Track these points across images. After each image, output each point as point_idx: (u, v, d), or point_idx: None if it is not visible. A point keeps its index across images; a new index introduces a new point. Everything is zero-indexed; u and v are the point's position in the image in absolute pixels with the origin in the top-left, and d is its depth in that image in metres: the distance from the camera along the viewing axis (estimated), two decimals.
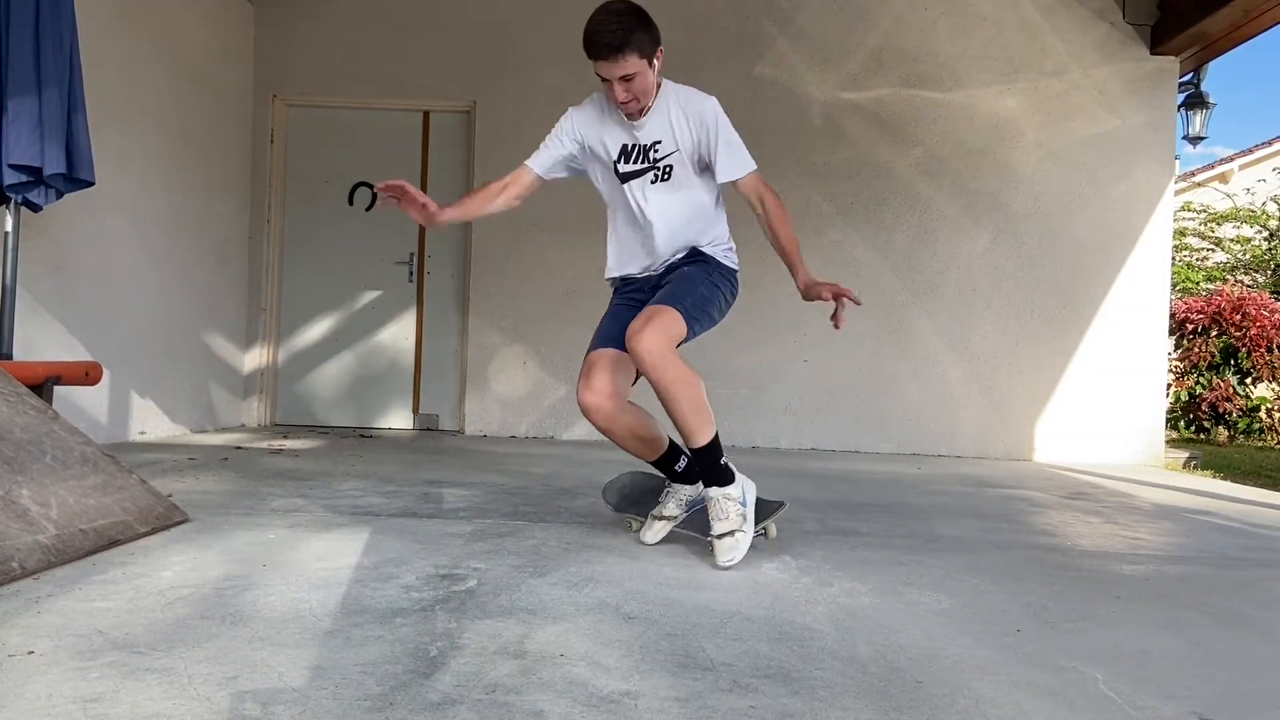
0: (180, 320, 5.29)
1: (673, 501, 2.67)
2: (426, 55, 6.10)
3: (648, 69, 2.47)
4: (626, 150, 2.59)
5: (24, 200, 3.47)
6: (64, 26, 3.44)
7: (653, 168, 2.56)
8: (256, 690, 1.41)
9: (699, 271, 2.58)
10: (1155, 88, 6.03)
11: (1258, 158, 15.23)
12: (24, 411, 2.55)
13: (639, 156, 2.58)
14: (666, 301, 2.45)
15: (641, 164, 2.57)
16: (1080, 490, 4.43)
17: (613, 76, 2.47)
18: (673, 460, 2.65)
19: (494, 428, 6.08)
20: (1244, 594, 2.37)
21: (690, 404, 2.39)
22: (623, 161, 2.59)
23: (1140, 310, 6.02)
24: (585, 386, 2.53)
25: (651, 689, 1.48)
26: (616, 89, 2.48)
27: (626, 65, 2.44)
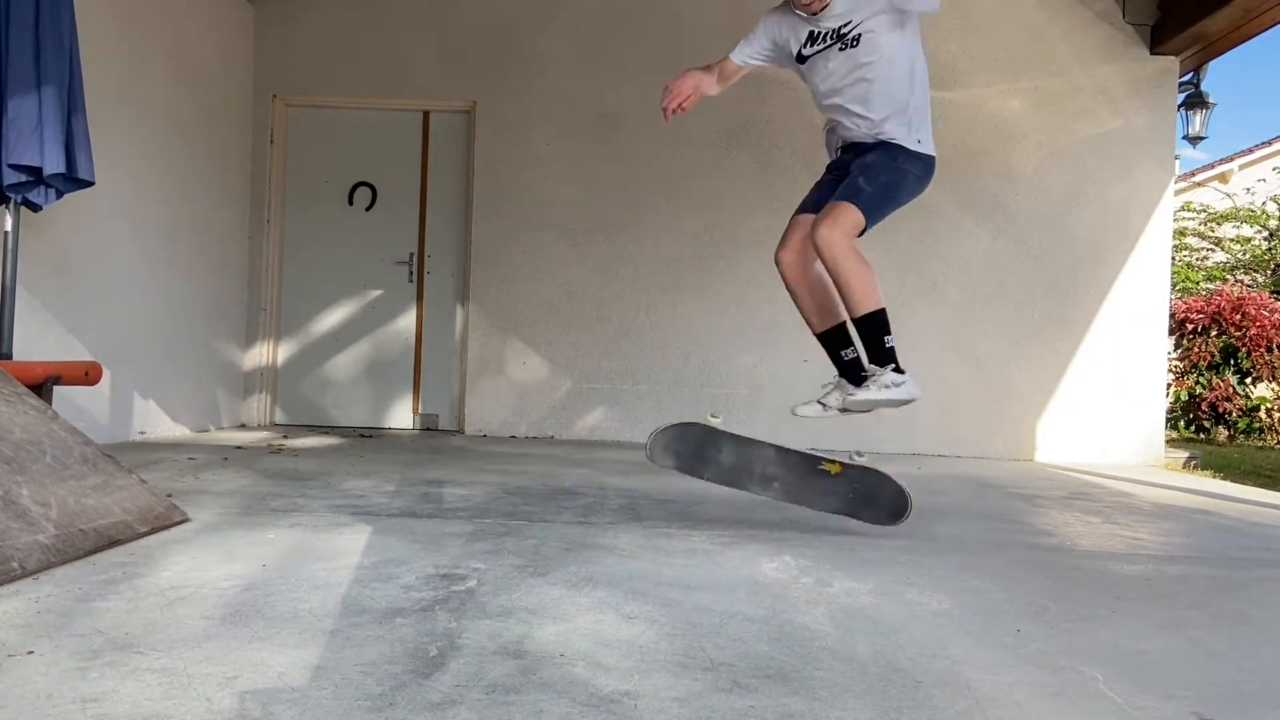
0: (180, 320, 5.29)
1: (836, 394, 2.93)
2: (426, 55, 6.10)
3: None
4: (813, 36, 2.84)
5: (24, 200, 3.47)
6: (64, 26, 3.44)
7: (839, 39, 2.79)
8: (256, 690, 1.41)
9: (883, 158, 2.81)
10: (1155, 88, 6.03)
11: (1257, 158, 15.22)
12: (24, 411, 2.54)
13: (823, 38, 2.82)
14: (845, 195, 2.75)
15: (826, 43, 2.82)
16: (1080, 490, 4.43)
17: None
18: (841, 343, 2.94)
19: (494, 427, 6.07)
20: (1244, 594, 2.37)
21: (856, 282, 2.69)
22: (808, 45, 2.86)
23: (1140, 310, 6.02)
24: (782, 245, 2.91)
25: (651, 689, 1.48)
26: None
27: None
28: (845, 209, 2.72)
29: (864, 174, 2.79)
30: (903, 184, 2.84)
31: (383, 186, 6.22)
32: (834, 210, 2.73)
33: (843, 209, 2.72)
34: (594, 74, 6.08)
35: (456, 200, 6.21)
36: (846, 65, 2.80)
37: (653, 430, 2.98)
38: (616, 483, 3.95)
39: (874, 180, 2.78)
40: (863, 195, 2.74)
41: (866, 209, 2.73)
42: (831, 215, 2.72)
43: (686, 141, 6.01)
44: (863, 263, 2.71)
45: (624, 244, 6.02)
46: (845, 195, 2.76)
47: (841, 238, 2.68)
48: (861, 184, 2.77)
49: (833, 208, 2.74)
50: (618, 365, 6.06)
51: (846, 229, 2.70)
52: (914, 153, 2.84)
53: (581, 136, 6.09)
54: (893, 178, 2.81)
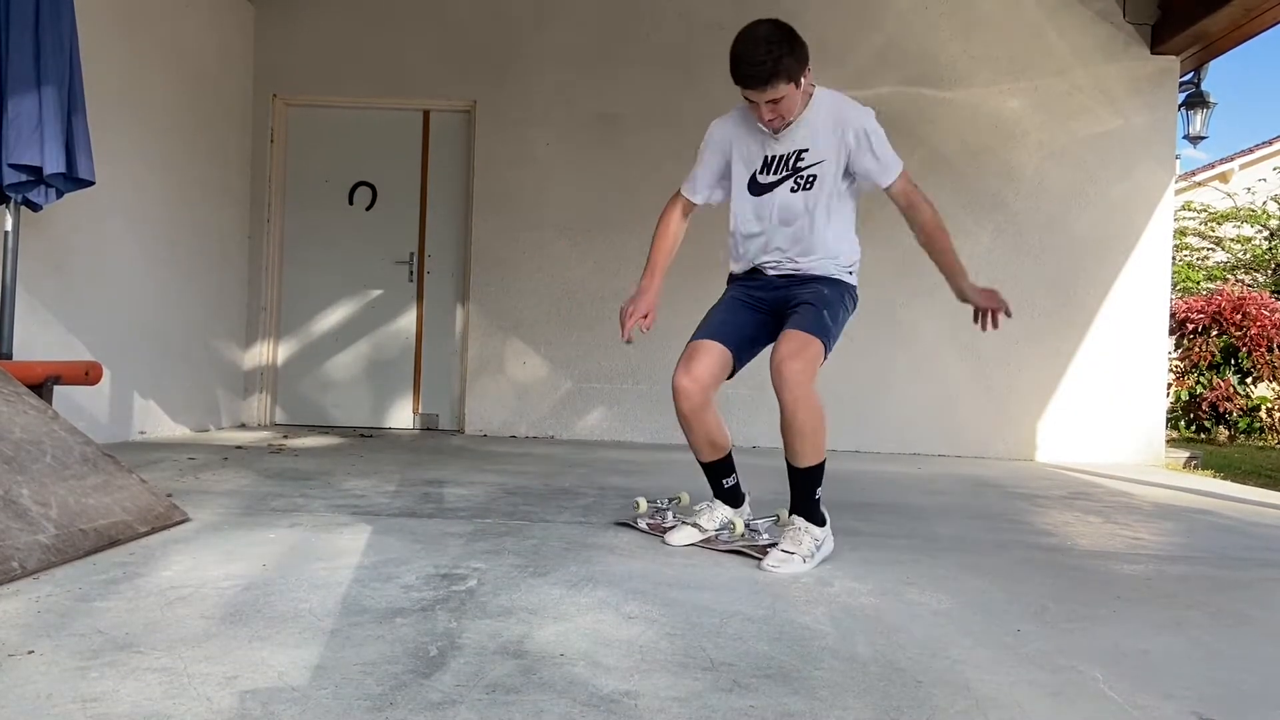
0: (180, 320, 5.29)
1: (708, 515, 2.70)
2: (426, 55, 6.10)
3: (794, 90, 2.45)
4: (768, 161, 2.58)
5: (24, 200, 3.47)
6: (64, 26, 3.44)
7: (794, 174, 2.55)
8: (256, 690, 1.41)
9: (834, 291, 2.58)
10: (1156, 87, 6.03)
11: (1257, 157, 15.22)
12: (24, 411, 2.55)
13: (780, 166, 2.57)
14: (812, 329, 2.45)
15: (782, 173, 2.56)
16: (1080, 490, 4.43)
17: (760, 101, 2.44)
18: (725, 472, 2.72)
19: (494, 427, 6.08)
20: (1244, 594, 2.37)
21: (814, 432, 2.41)
22: (763, 173, 2.59)
23: (1141, 310, 6.02)
24: (685, 372, 2.55)
25: (651, 689, 1.48)
26: (763, 111, 2.47)
27: (775, 92, 2.41)
28: (813, 343, 2.42)
29: (826, 307, 2.52)
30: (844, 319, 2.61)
31: (383, 186, 6.23)
32: (807, 347, 2.41)
33: (811, 343, 2.42)
34: (594, 74, 6.08)
35: (456, 200, 6.21)
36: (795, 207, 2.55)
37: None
38: (616, 483, 3.95)
39: (836, 317, 2.54)
40: (829, 334, 2.48)
41: (828, 348, 2.48)
42: (805, 353, 2.40)
43: (687, 141, 5.99)
44: (822, 412, 2.44)
45: (624, 243, 6.02)
46: (810, 327, 2.45)
47: (810, 377, 2.40)
48: (826, 320, 2.49)
49: (806, 343, 2.42)
50: (618, 365, 6.06)
51: (814, 370, 2.42)
52: (849, 284, 2.66)
53: (581, 136, 6.09)
54: (843, 316, 2.60)
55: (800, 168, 2.54)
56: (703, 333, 2.62)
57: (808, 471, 2.45)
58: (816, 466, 2.46)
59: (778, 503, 3.27)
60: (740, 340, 2.62)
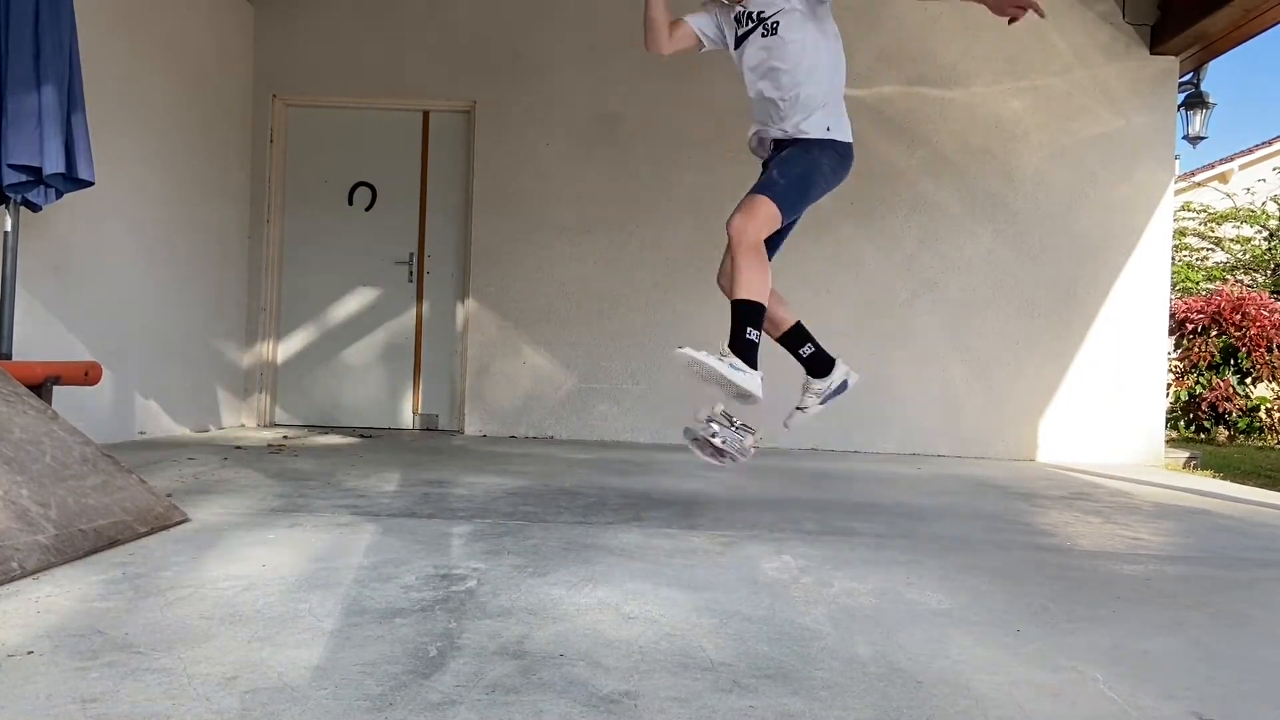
0: (180, 320, 5.29)
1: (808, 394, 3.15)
2: (426, 55, 6.10)
3: None
4: (739, 18, 3.04)
5: (23, 200, 3.47)
6: (63, 26, 3.44)
7: (760, 24, 2.96)
8: (256, 690, 1.41)
9: (797, 152, 2.93)
10: (1156, 88, 6.03)
11: (1257, 158, 15.22)
12: (23, 411, 2.54)
13: (747, 20, 3.01)
14: (759, 188, 2.87)
15: (749, 25, 3.00)
16: (1080, 490, 4.43)
17: None
18: (798, 343, 3.09)
19: (494, 428, 6.07)
20: (1244, 594, 2.37)
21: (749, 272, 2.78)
22: (738, 27, 3.05)
23: (1140, 310, 6.02)
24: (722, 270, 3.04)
25: (651, 689, 1.48)
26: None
27: None
28: (759, 201, 2.82)
29: (778, 167, 2.92)
30: (815, 172, 2.93)
31: (383, 186, 6.23)
32: (748, 203, 2.84)
33: (757, 202, 2.83)
34: (594, 74, 6.08)
35: (456, 200, 6.21)
36: (765, 53, 2.96)
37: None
38: (616, 483, 3.95)
39: (787, 172, 2.89)
40: (776, 187, 2.86)
41: (780, 200, 2.83)
42: (746, 208, 2.83)
43: (686, 141, 6.01)
44: (763, 264, 2.81)
45: (624, 243, 6.02)
46: (760, 188, 2.87)
47: (751, 230, 2.79)
48: (775, 176, 2.89)
49: (748, 200, 2.85)
50: (618, 365, 6.06)
51: (759, 221, 2.80)
52: (826, 141, 2.94)
53: (581, 136, 6.09)
54: (805, 168, 2.91)
55: (765, 18, 2.97)
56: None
57: (743, 305, 2.80)
58: (752, 305, 2.80)
59: (780, 503, 3.28)
60: None
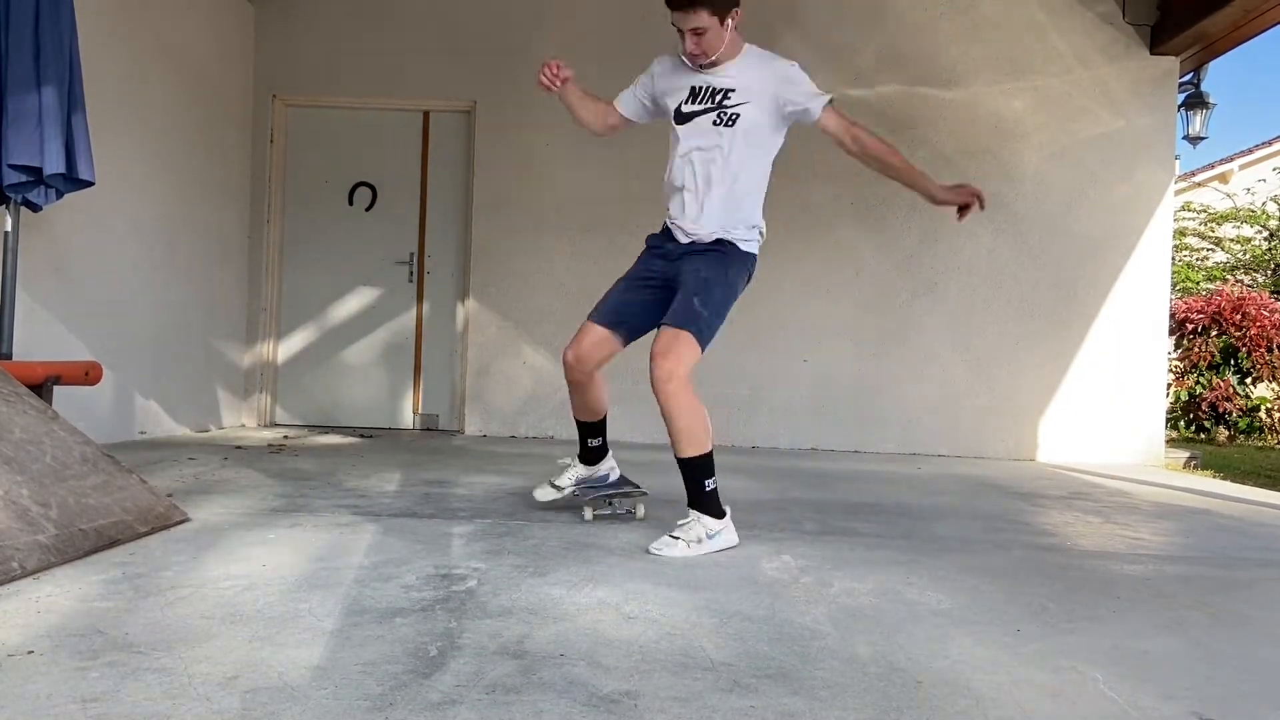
0: (180, 320, 5.29)
1: (568, 475, 3.01)
2: (426, 55, 6.10)
3: (719, 26, 2.60)
4: (695, 91, 2.72)
5: (24, 200, 3.47)
6: (63, 26, 3.44)
7: (719, 109, 2.67)
8: (256, 690, 1.41)
9: (717, 270, 2.67)
10: (1156, 88, 6.03)
11: (1257, 158, 15.21)
12: (24, 411, 2.54)
13: (706, 97, 2.70)
14: (683, 323, 2.57)
15: (706, 104, 2.69)
16: (1080, 490, 4.43)
17: (685, 27, 2.61)
18: (593, 433, 2.99)
19: (494, 428, 6.07)
20: (1244, 594, 2.37)
21: (688, 426, 2.58)
22: (688, 101, 2.73)
23: (1140, 310, 6.02)
24: (574, 349, 2.81)
25: (652, 688, 1.48)
26: (687, 40, 2.63)
27: (698, 20, 2.57)
28: (686, 341, 2.55)
29: (699, 293, 2.61)
30: (732, 297, 2.70)
31: (383, 186, 6.23)
32: (675, 344, 2.54)
33: (684, 341, 2.54)
34: (594, 74, 6.05)
35: (456, 200, 6.21)
36: (711, 143, 2.66)
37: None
38: None
39: (709, 301, 2.61)
40: (700, 321, 2.58)
41: (703, 335, 2.58)
42: (674, 350, 2.53)
43: None
44: (697, 405, 2.57)
45: (624, 243, 5.99)
46: (683, 323, 2.57)
47: (682, 375, 2.53)
48: (697, 308, 2.59)
49: (674, 339, 2.54)
50: (618, 365, 5.99)
51: (687, 364, 2.55)
52: (744, 253, 2.72)
53: (581, 136, 6.04)
54: (725, 294, 2.67)
55: (725, 105, 2.67)
56: (595, 315, 2.82)
57: (689, 462, 2.62)
58: (699, 458, 2.61)
59: (780, 503, 3.28)
60: (630, 322, 2.81)
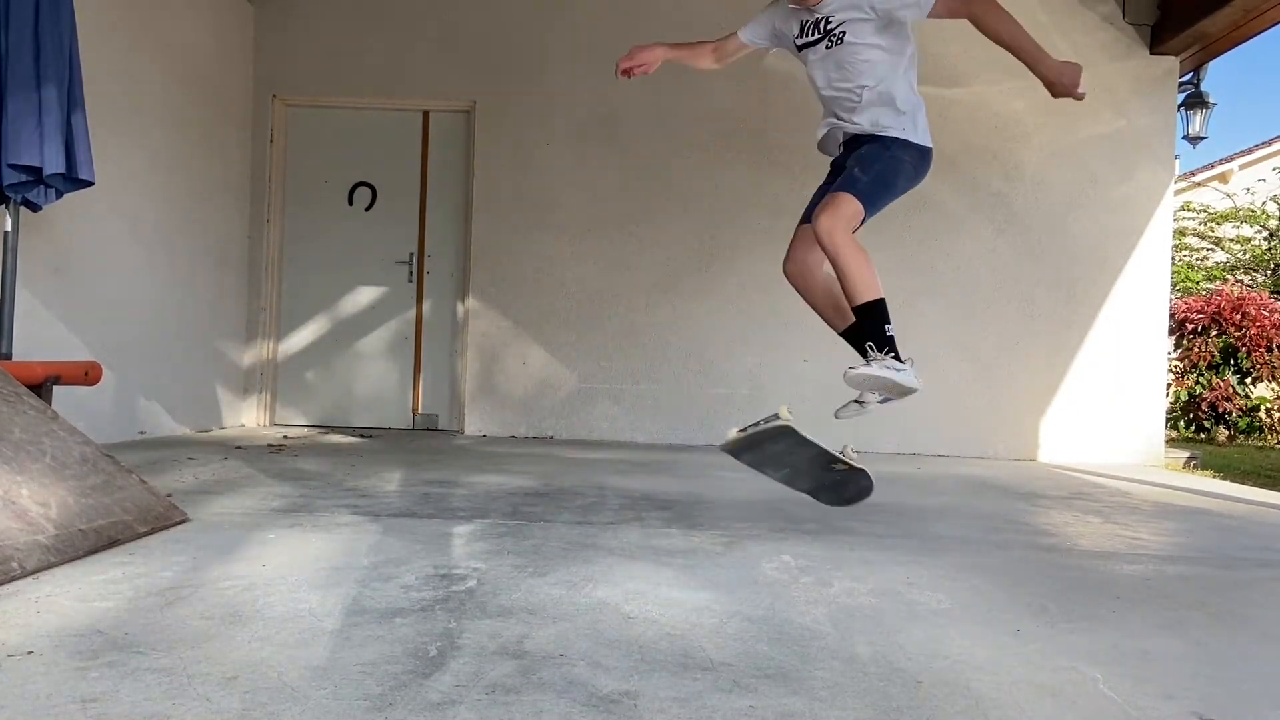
0: (180, 320, 5.29)
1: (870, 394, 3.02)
2: (426, 55, 6.10)
3: None
4: (804, 26, 2.98)
5: (23, 200, 3.47)
6: (63, 26, 3.44)
7: (826, 36, 2.92)
8: (256, 690, 1.41)
9: (876, 149, 2.89)
10: (1156, 88, 6.03)
11: (1257, 158, 15.21)
12: (23, 411, 2.54)
13: (813, 29, 2.96)
14: (842, 186, 2.83)
15: (814, 35, 2.95)
16: (1080, 490, 4.43)
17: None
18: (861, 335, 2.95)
19: (494, 428, 6.07)
20: (1244, 594, 2.37)
21: (855, 272, 2.77)
22: (800, 35, 3.00)
23: (1140, 310, 6.02)
24: (787, 257, 3.06)
25: (651, 689, 1.48)
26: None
27: None
28: (843, 199, 2.79)
29: (859, 164, 2.87)
30: (898, 171, 2.90)
31: (382, 186, 6.23)
32: (832, 201, 2.81)
33: (841, 199, 2.79)
34: (594, 74, 6.07)
35: (456, 200, 6.21)
36: (833, 62, 2.92)
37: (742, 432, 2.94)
38: (616, 483, 3.95)
39: (869, 169, 2.85)
40: (859, 184, 2.82)
41: (864, 197, 2.80)
42: (831, 206, 2.80)
43: (686, 141, 6.02)
44: (861, 253, 2.79)
45: (624, 243, 6.02)
46: (842, 186, 2.84)
47: (841, 228, 2.76)
48: (857, 174, 2.85)
49: (831, 198, 2.82)
50: (618, 365, 6.06)
51: (845, 219, 2.77)
52: (907, 141, 2.91)
53: (581, 136, 6.09)
54: (887, 165, 2.87)
55: (830, 29, 2.92)
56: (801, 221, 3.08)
57: (865, 308, 2.79)
58: (874, 302, 2.79)
59: (780, 503, 3.27)
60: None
